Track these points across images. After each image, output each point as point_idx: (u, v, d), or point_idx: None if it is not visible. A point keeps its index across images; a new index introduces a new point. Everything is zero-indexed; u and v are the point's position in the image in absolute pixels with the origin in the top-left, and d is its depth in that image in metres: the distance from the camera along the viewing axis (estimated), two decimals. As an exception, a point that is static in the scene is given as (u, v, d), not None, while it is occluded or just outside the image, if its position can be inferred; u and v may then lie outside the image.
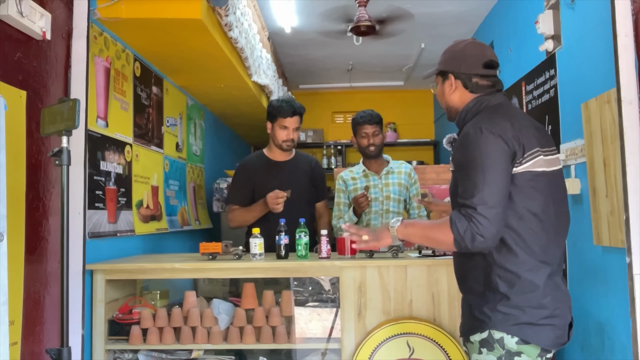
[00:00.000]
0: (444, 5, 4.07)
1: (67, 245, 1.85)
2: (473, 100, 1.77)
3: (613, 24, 2.02)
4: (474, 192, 1.57)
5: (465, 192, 1.61)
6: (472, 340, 1.67)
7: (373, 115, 3.14)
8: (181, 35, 2.99)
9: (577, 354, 2.56)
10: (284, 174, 3.06)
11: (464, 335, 1.72)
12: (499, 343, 1.61)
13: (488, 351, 1.62)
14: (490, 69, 1.78)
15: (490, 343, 1.62)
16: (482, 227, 1.54)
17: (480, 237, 1.55)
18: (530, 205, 1.63)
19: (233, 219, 3.09)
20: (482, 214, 1.55)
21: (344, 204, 3.19)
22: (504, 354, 1.60)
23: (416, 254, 2.65)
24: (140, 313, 2.64)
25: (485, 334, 1.63)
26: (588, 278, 2.45)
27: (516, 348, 1.60)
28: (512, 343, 1.60)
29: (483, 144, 1.60)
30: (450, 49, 1.86)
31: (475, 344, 1.66)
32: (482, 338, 1.64)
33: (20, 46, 2.09)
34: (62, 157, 1.82)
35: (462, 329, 1.75)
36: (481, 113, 1.73)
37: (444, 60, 1.85)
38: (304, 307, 2.75)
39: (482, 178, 1.58)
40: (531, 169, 1.62)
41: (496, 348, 1.61)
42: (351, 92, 6.61)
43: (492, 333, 1.62)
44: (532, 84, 3.13)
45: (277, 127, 3.04)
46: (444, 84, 1.85)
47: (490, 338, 1.62)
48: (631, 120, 1.97)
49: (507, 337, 1.60)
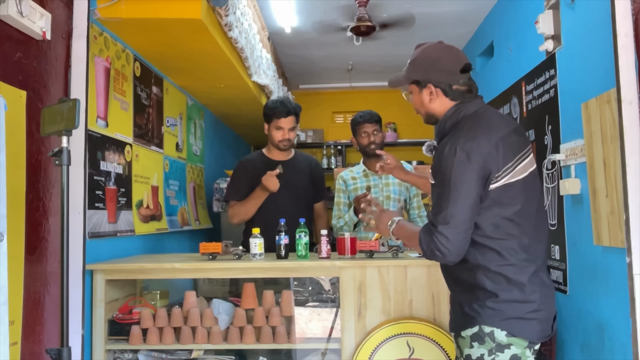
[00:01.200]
0: (444, 6, 4.07)
1: (67, 245, 1.85)
2: (452, 109, 1.78)
3: (613, 24, 2.02)
4: (439, 210, 1.65)
5: (434, 208, 1.69)
6: (463, 335, 1.72)
7: (372, 114, 3.15)
8: (181, 35, 2.99)
9: (577, 354, 2.56)
10: (283, 173, 3.07)
11: (455, 330, 1.77)
12: (490, 337, 1.66)
13: (479, 345, 1.67)
14: (466, 73, 1.78)
15: (481, 337, 1.67)
16: (440, 245, 1.62)
17: (439, 253, 1.63)
18: (505, 213, 1.67)
19: (233, 214, 3.09)
20: (442, 233, 1.62)
21: (344, 203, 3.19)
22: (494, 347, 1.66)
23: (416, 254, 2.65)
24: (140, 313, 2.64)
25: (476, 328, 1.68)
26: (588, 278, 2.44)
27: (506, 340, 1.65)
28: (502, 336, 1.66)
29: (456, 164, 1.63)
30: (422, 56, 1.83)
31: (466, 339, 1.71)
32: (473, 333, 1.69)
33: (20, 46, 2.09)
34: (62, 157, 1.82)
35: (453, 324, 1.80)
36: (460, 123, 1.74)
37: (421, 69, 1.82)
38: (304, 307, 2.75)
39: (449, 198, 1.63)
40: (506, 182, 1.66)
41: (487, 341, 1.67)
42: (351, 92, 6.61)
43: (482, 328, 1.67)
44: (532, 84, 3.13)
45: (273, 128, 3.06)
46: (421, 93, 1.83)
47: (481, 332, 1.67)
48: (631, 120, 1.97)
49: (497, 330, 1.66)
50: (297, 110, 3.08)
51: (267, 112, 3.07)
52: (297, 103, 3.10)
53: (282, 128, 3.04)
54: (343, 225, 3.08)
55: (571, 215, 2.61)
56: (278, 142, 3.06)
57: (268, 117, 3.07)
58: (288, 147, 3.11)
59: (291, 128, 3.06)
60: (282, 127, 3.03)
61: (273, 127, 3.06)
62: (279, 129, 3.04)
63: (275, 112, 3.02)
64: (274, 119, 3.03)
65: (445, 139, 1.73)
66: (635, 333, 1.93)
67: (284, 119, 3.02)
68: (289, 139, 3.06)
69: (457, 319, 1.76)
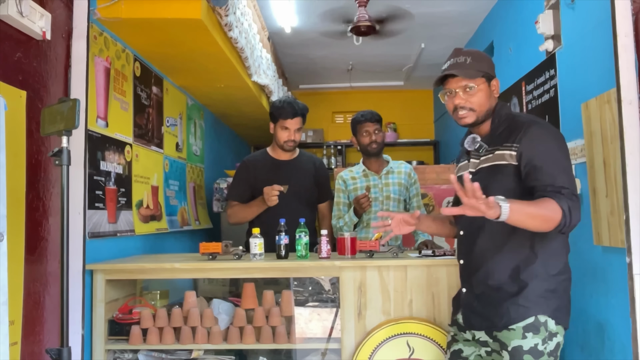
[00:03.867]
0: (444, 5, 4.07)
1: (67, 245, 1.85)
2: (499, 103, 1.94)
3: (613, 24, 2.02)
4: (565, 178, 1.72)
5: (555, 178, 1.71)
6: (513, 327, 1.77)
7: (373, 114, 3.15)
8: (181, 35, 2.99)
9: (577, 354, 2.56)
10: (286, 173, 3.07)
11: (498, 325, 1.81)
12: (544, 326, 1.75)
13: (534, 334, 1.75)
14: None
15: (536, 327, 1.75)
16: (578, 206, 1.69)
17: (579, 214, 1.69)
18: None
19: (232, 214, 3.09)
20: (575, 195, 1.72)
21: (344, 203, 3.19)
22: (547, 336, 1.75)
23: (416, 254, 2.65)
24: (140, 313, 2.64)
25: (532, 319, 1.76)
26: (588, 278, 2.44)
27: (555, 329, 1.76)
28: (552, 325, 1.76)
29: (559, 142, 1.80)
30: (482, 54, 1.95)
31: (517, 330, 1.76)
32: (527, 323, 1.76)
33: (20, 46, 2.09)
34: (62, 157, 1.82)
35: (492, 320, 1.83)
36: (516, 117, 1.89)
37: (487, 65, 1.92)
38: (304, 307, 2.75)
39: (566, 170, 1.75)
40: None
41: (542, 331, 1.75)
42: (351, 92, 6.61)
43: (538, 318, 1.75)
44: (532, 84, 3.13)
45: (279, 128, 3.05)
46: (489, 86, 1.92)
47: (537, 322, 1.76)
48: (631, 120, 1.98)
49: (549, 320, 1.76)
50: (304, 111, 3.08)
51: (274, 112, 3.06)
52: (304, 104, 3.09)
53: (289, 129, 3.03)
54: (343, 225, 3.08)
55: (571, 215, 2.60)
56: (283, 143, 3.06)
57: (274, 117, 3.06)
58: (293, 147, 3.10)
59: (297, 129, 3.05)
60: (288, 127, 3.03)
61: (279, 127, 3.05)
62: (285, 129, 3.03)
63: (282, 112, 3.01)
64: (280, 119, 3.02)
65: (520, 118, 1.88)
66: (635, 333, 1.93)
67: (291, 120, 3.01)
68: (294, 140, 3.05)
69: (505, 314, 1.79)
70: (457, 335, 1.99)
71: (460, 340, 1.98)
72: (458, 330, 1.99)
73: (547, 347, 1.74)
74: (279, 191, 2.85)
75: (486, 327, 1.85)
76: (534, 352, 1.73)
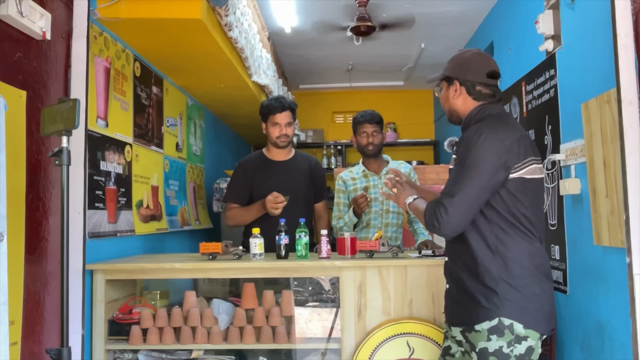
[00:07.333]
0: (444, 5, 4.07)
1: (67, 245, 1.85)
2: (476, 108, 1.91)
3: (613, 24, 2.02)
4: (449, 187, 1.79)
5: (445, 186, 1.82)
6: (478, 329, 1.76)
7: (374, 115, 3.15)
8: (181, 35, 2.99)
9: (577, 354, 2.56)
10: (282, 173, 3.06)
11: (466, 324, 1.81)
12: (509, 329, 1.73)
13: (498, 337, 1.73)
14: (492, 79, 1.92)
15: (500, 329, 1.73)
16: (439, 215, 1.75)
17: (436, 223, 1.76)
18: (520, 207, 1.79)
19: (231, 217, 3.09)
20: (444, 205, 1.75)
21: (344, 204, 3.19)
22: (513, 339, 1.73)
23: (416, 254, 2.65)
24: (140, 313, 2.64)
25: (495, 321, 1.74)
26: (588, 278, 2.44)
27: (523, 333, 1.73)
28: (520, 328, 1.73)
29: (476, 149, 1.76)
30: (457, 56, 1.98)
31: (482, 332, 1.75)
32: (491, 326, 1.74)
33: (20, 46, 2.09)
34: (62, 157, 1.82)
35: (462, 319, 1.83)
36: (484, 120, 1.87)
37: (451, 67, 1.96)
38: (304, 307, 2.75)
39: (461, 177, 1.76)
40: (524, 176, 1.78)
41: (506, 334, 1.73)
42: (351, 92, 6.61)
43: (502, 320, 1.74)
44: (532, 84, 3.13)
45: (270, 125, 3.06)
46: (448, 89, 1.97)
47: (501, 325, 1.73)
48: (631, 120, 1.97)
49: (515, 323, 1.73)
50: (293, 105, 3.08)
51: (263, 111, 3.08)
52: (292, 99, 3.10)
53: (279, 124, 3.03)
54: (343, 225, 3.08)
55: (571, 216, 2.61)
56: (276, 139, 3.05)
57: (264, 116, 3.08)
58: (287, 143, 3.09)
59: (288, 123, 3.05)
60: (278, 122, 3.03)
61: (270, 124, 3.06)
62: (275, 125, 3.04)
63: (270, 108, 3.03)
64: (270, 116, 3.04)
65: (470, 130, 1.85)
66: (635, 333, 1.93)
67: (280, 114, 3.02)
68: (286, 134, 3.05)
69: (470, 313, 1.79)
70: (447, 332, 2.02)
71: (449, 337, 2.01)
72: (447, 327, 2.01)
73: (514, 351, 1.72)
74: (283, 203, 2.84)
75: (456, 324, 1.87)
76: (499, 354, 1.73)
